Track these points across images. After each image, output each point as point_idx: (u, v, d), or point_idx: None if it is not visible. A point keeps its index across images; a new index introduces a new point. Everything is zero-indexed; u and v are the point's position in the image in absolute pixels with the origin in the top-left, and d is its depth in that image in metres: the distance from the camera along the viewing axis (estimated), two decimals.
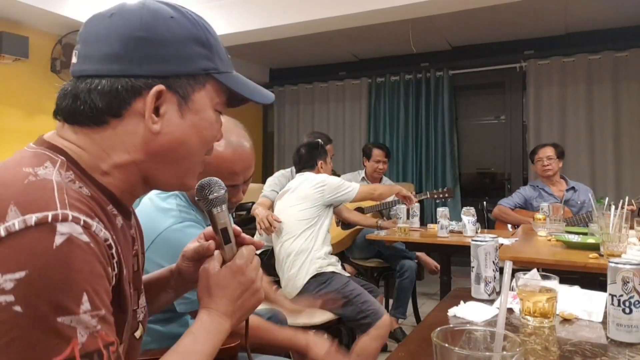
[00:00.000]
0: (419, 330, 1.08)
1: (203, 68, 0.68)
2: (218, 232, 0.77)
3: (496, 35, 4.92)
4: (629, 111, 4.54)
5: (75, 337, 0.51)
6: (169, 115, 0.66)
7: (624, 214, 1.69)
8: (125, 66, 0.63)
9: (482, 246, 1.27)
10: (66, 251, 0.52)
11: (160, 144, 0.66)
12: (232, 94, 0.73)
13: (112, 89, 0.63)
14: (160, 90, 0.64)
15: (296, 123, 6.14)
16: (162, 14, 0.66)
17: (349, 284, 2.22)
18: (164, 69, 0.65)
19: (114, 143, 0.65)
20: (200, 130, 0.69)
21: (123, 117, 0.64)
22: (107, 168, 0.65)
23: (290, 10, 3.67)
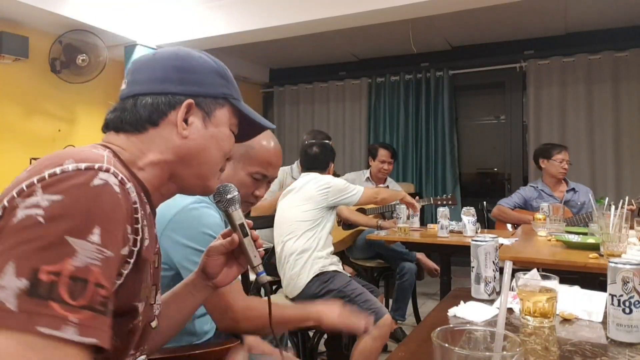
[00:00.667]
0: (419, 330, 1.08)
1: (223, 93, 0.85)
2: (237, 227, 0.94)
3: (496, 35, 4.92)
4: (629, 111, 4.54)
5: (72, 257, 0.56)
6: (195, 125, 0.82)
7: (624, 214, 1.69)
8: (165, 86, 0.81)
9: (482, 246, 1.27)
10: (99, 191, 0.62)
11: (188, 148, 0.81)
12: (241, 120, 0.90)
13: (154, 103, 0.80)
14: (190, 104, 0.81)
15: (296, 123, 6.14)
16: (192, 52, 0.86)
17: (350, 283, 2.22)
18: (194, 90, 0.82)
19: (150, 145, 0.79)
20: (218, 141, 0.85)
21: (159, 125, 0.80)
22: (143, 164, 0.79)
23: (290, 10, 3.67)
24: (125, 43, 4.17)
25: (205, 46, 4.28)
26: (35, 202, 0.59)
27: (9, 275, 0.54)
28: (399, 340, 3.02)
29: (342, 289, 2.17)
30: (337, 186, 2.41)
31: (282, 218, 2.43)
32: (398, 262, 3.23)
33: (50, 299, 0.54)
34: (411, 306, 3.39)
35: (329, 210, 2.40)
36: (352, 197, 2.45)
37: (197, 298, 1.01)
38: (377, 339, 2.11)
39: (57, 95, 4.01)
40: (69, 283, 0.55)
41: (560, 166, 3.27)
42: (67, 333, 0.54)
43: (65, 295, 0.55)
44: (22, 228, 0.57)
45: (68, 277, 0.55)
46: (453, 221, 2.88)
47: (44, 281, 0.54)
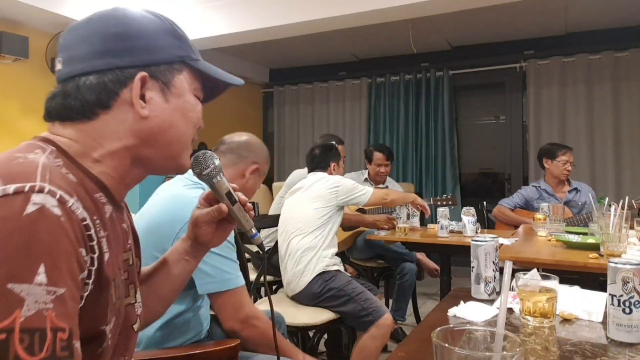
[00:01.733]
0: (419, 330, 1.08)
1: (178, 55, 0.74)
2: (223, 197, 0.86)
3: (496, 35, 4.92)
4: (629, 111, 4.54)
5: (21, 307, 0.49)
6: (154, 100, 0.71)
7: (624, 214, 1.69)
8: (108, 60, 0.69)
9: (482, 246, 1.27)
10: (34, 219, 0.53)
11: (150, 127, 0.71)
12: (205, 81, 0.79)
13: (99, 83, 0.68)
14: (144, 77, 0.70)
15: (296, 123, 6.14)
16: (132, 12, 0.73)
17: (351, 282, 2.24)
18: (144, 59, 0.70)
19: (105, 132, 0.69)
20: (184, 113, 0.75)
21: (112, 107, 0.69)
22: (99, 156, 0.69)
23: (290, 10, 3.67)
24: None
25: (205, 46, 4.28)
26: None
27: None
28: (399, 340, 3.02)
29: (343, 287, 2.18)
30: (346, 185, 2.43)
31: (290, 215, 2.43)
32: (398, 262, 3.23)
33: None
34: (411, 306, 3.39)
35: (337, 211, 2.43)
36: (362, 196, 2.47)
37: (191, 263, 0.94)
38: (377, 339, 2.11)
39: None
40: (24, 338, 0.48)
41: (564, 167, 3.24)
42: None
43: (21, 353, 0.48)
44: None
45: (21, 332, 0.48)
46: (453, 221, 2.88)
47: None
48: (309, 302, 2.23)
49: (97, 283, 0.61)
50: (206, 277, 1.27)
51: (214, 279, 1.27)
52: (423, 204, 2.83)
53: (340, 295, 2.17)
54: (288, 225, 2.40)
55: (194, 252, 0.93)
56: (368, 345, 2.10)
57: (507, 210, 3.30)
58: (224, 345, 1.21)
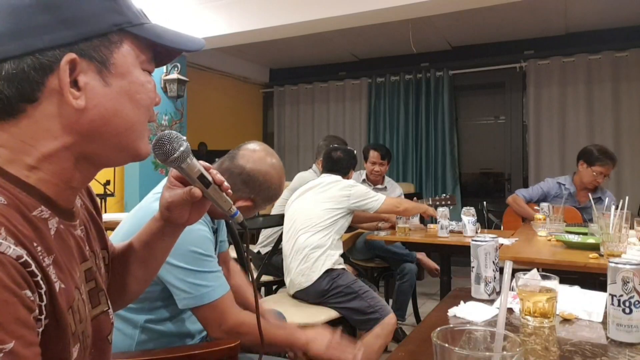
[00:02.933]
0: (419, 330, 1.08)
1: (114, 23, 0.59)
2: (195, 180, 0.76)
3: (496, 35, 4.92)
4: (629, 111, 4.54)
5: None
6: (91, 86, 0.58)
7: (624, 214, 1.69)
8: (24, 42, 0.54)
9: (482, 246, 1.27)
10: None
11: (90, 120, 0.58)
12: (156, 48, 0.65)
13: (17, 72, 0.54)
14: (72, 59, 0.56)
15: (296, 123, 6.14)
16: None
17: (357, 280, 2.27)
18: (69, 35, 0.56)
19: (36, 132, 0.56)
20: (132, 95, 0.61)
21: (39, 100, 0.56)
22: (34, 161, 0.57)
23: (290, 10, 3.67)
24: None
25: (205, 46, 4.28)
26: None
27: None
28: (399, 341, 3.02)
29: (350, 285, 2.21)
30: (359, 190, 2.47)
31: (298, 212, 2.45)
32: (398, 263, 3.23)
33: None
34: (411, 306, 3.39)
35: (346, 214, 2.45)
36: (374, 203, 2.48)
37: (168, 241, 0.86)
38: (380, 337, 2.11)
39: None
40: None
41: (594, 178, 3.07)
42: None
43: None
44: None
45: None
46: (453, 221, 2.88)
47: None
48: (315, 300, 2.24)
49: (52, 316, 0.54)
50: (182, 294, 1.22)
51: (190, 294, 1.21)
52: (434, 214, 2.82)
53: (347, 292, 2.19)
54: (296, 222, 2.41)
55: (170, 232, 0.84)
56: (371, 344, 2.10)
57: (522, 201, 3.22)
58: (224, 345, 1.21)
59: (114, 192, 4.06)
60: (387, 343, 2.21)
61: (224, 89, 5.85)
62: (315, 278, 2.23)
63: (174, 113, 4.47)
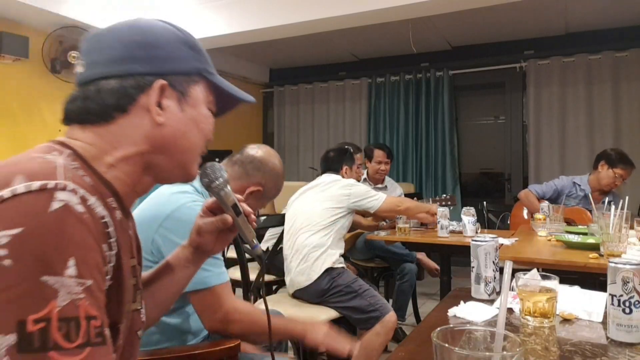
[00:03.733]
0: (419, 330, 1.08)
1: (195, 67, 0.77)
2: (229, 209, 0.88)
3: (496, 35, 4.92)
4: (629, 111, 4.54)
5: (55, 298, 0.52)
6: (171, 109, 0.73)
7: (624, 214, 1.69)
8: (129, 66, 0.71)
9: (482, 246, 1.27)
10: (60, 216, 0.55)
11: (164, 135, 0.73)
12: (219, 95, 0.81)
13: (119, 87, 0.70)
14: (163, 85, 0.71)
15: (296, 123, 6.14)
16: (154, 23, 0.76)
17: (357, 279, 2.27)
18: (163, 68, 0.73)
19: (120, 136, 0.70)
20: (198, 123, 0.76)
21: (129, 112, 0.70)
22: (114, 160, 0.70)
23: (290, 10, 3.67)
24: None
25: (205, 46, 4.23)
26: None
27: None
28: (399, 341, 3.02)
29: (350, 284, 2.21)
30: (360, 189, 2.46)
31: (298, 212, 2.44)
32: (399, 263, 3.23)
33: (47, 350, 0.50)
34: (411, 306, 3.39)
35: (347, 214, 2.44)
36: (374, 202, 2.47)
37: (191, 269, 0.96)
38: (380, 336, 2.12)
39: (57, 95, 4.01)
40: (61, 326, 0.52)
41: (614, 180, 3.04)
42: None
43: (60, 340, 0.51)
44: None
45: (58, 321, 0.51)
46: (453, 221, 2.88)
47: (34, 332, 0.50)
48: (315, 299, 2.24)
49: (115, 279, 0.63)
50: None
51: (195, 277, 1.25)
52: (435, 212, 2.72)
53: (348, 291, 2.19)
54: (296, 221, 2.41)
55: (194, 259, 0.94)
56: (372, 342, 2.11)
57: (534, 197, 3.17)
58: (224, 345, 1.21)
59: None
60: (388, 341, 2.21)
61: None
62: (315, 277, 2.23)
63: None
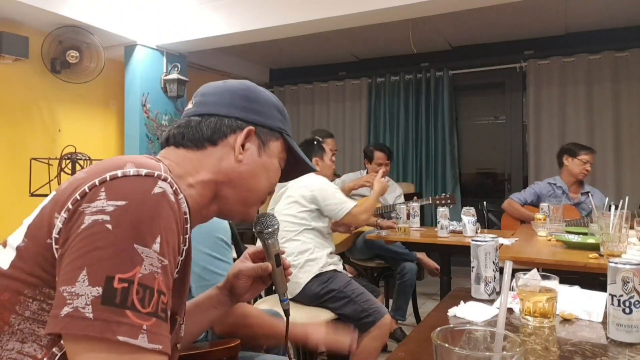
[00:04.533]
0: (419, 330, 1.08)
1: (279, 127, 0.90)
2: (272, 257, 0.96)
3: (496, 35, 4.92)
4: (629, 111, 4.54)
5: (141, 265, 0.59)
6: (251, 152, 0.85)
7: (624, 214, 1.69)
8: (230, 110, 0.85)
9: (482, 246, 1.27)
10: (159, 199, 0.64)
11: (240, 172, 0.84)
12: (289, 158, 0.93)
13: (218, 124, 0.84)
14: (251, 130, 0.85)
15: (296, 123, 6.14)
16: (258, 86, 0.91)
17: (350, 283, 2.23)
18: (255, 119, 0.86)
19: (205, 163, 0.82)
20: (268, 171, 0.88)
21: (217, 145, 0.83)
22: (194, 181, 0.81)
23: (290, 10, 3.66)
24: (125, 43, 4.16)
25: (205, 46, 4.29)
26: (100, 207, 0.61)
27: (82, 282, 0.57)
28: (399, 340, 3.02)
29: (342, 289, 2.18)
30: (324, 195, 2.34)
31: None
32: (398, 262, 3.23)
33: (126, 308, 0.57)
34: (411, 306, 3.39)
35: (320, 215, 2.39)
36: (337, 212, 2.35)
37: (219, 311, 1.03)
38: (376, 339, 2.11)
39: (57, 95, 4.01)
40: (140, 291, 0.58)
41: (584, 167, 3.24)
42: (142, 341, 0.57)
43: (137, 303, 0.57)
44: (91, 235, 0.59)
45: (138, 285, 0.58)
46: (453, 221, 2.88)
47: (118, 289, 0.57)
48: (311, 302, 2.23)
49: (182, 273, 0.70)
50: (199, 281, 1.26)
51: (206, 282, 1.25)
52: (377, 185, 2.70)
53: (340, 297, 2.16)
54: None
55: (225, 301, 1.03)
56: (368, 345, 2.10)
57: (517, 204, 3.27)
58: (224, 345, 1.21)
59: None
60: (384, 344, 2.20)
61: None
62: (304, 283, 2.22)
63: (174, 113, 4.47)
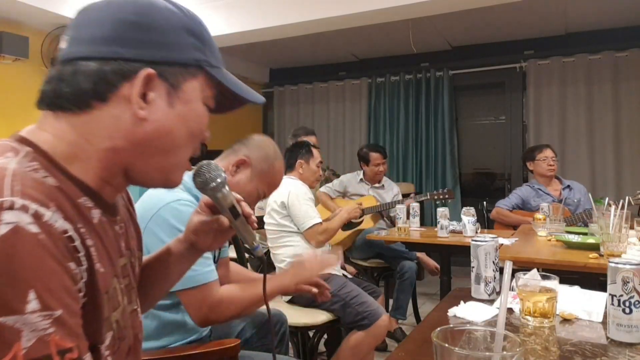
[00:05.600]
0: (419, 330, 1.08)
1: (195, 59, 0.66)
2: (226, 211, 0.82)
3: (496, 35, 4.92)
4: (629, 111, 4.54)
5: (19, 340, 0.45)
6: (157, 103, 0.63)
7: (624, 214, 1.69)
8: (115, 49, 0.61)
9: (482, 246, 1.27)
10: (11, 242, 0.47)
11: (145, 132, 0.63)
12: (221, 92, 0.71)
13: (99, 71, 0.60)
14: (150, 75, 0.62)
15: (296, 123, 6.13)
16: (157, 2, 0.65)
17: (346, 285, 2.20)
18: (155, 55, 0.62)
19: (96, 128, 0.61)
20: (187, 122, 0.66)
21: (108, 101, 0.61)
22: (85, 156, 0.62)
23: (290, 10, 3.67)
24: None
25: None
26: None
27: None
28: (399, 340, 3.02)
29: (336, 292, 2.15)
30: (292, 203, 2.33)
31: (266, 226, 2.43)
32: (398, 261, 3.23)
33: None
34: (411, 306, 3.39)
35: None
36: (300, 225, 2.34)
37: (187, 265, 0.91)
38: (370, 337, 2.09)
39: None
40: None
41: (546, 164, 3.31)
42: None
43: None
44: None
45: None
46: (453, 221, 2.88)
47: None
48: (307, 305, 2.22)
49: (90, 296, 0.56)
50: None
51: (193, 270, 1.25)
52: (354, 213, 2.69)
53: (335, 300, 2.13)
54: (268, 238, 2.42)
55: (189, 256, 0.89)
56: (360, 342, 2.09)
57: (505, 211, 3.31)
58: (224, 345, 1.21)
59: None
60: (378, 342, 2.19)
61: None
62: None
63: None
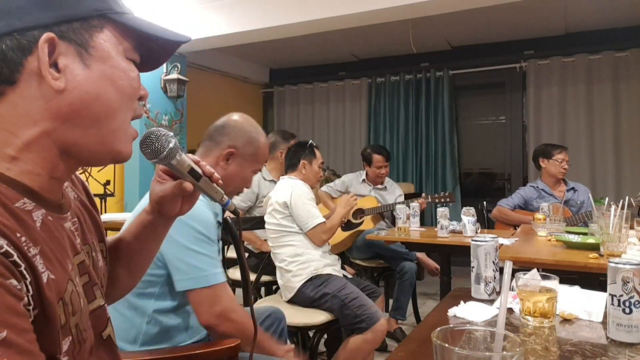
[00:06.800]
0: (419, 330, 1.08)
1: (95, 8, 0.59)
2: (186, 175, 0.76)
3: (496, 35, 4.92)
4: (629, 111, 4.54)
5: None
6: (71, 68, 0.57)
7: (624, 214, 1.69)
8: (3, 22, 0.54)
9: (482, 246, 1.27)
10: None
11: (70, 103, 0.57)
12: (140, 42, 0.64)
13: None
14: (51, 38, 0.55)
15: (296, 123, 6.14)
16: None
17: (345, 287, 2.19)
18: (49, 16, 0.55)
19: (15, 117, 0.55)
20: (114, 80, 0.60)
21: (18, 82, 0.55)
22: (15, 151, 0.55)
23: (290, 10, 3.66)
24: None
25: (205, 46, 4.28)
26: None
27: None
28: (399, 340, 3.02)
29: (336, 293, 2.16)
30: (295, 203, 2.31)
31: (267, 226, 2.42)
32: (398, 261, 3.23)
33: None
34: (411, 306, 3.39)
35: None
36: (303, 224, 2.32)
37: (162, 232, 0.86)
38: (368, 342, 2.09)
39: None
40: None
41: (561, 166, 3.29)
42: None
43: None
44: None
45: None
46: (453, 221, 2.88)
47: None
48: (307, 305, 2.23)
49: (40, 307, 0.53)
50: (181, 274, 1.24)
51: (188, 275, 1.23)
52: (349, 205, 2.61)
53: (334, 301, 2.14)
54: (268, 238, 2.42)
55: (162, 224, 0.84)
56: (358, 345, 2.09)
57: (507, 210, 3.31)
58: (224, 345, 1.21)
59: (114, 192, 4.06)
60: (375, 347, 2.20)
61: (224, 89, 5.85)
62: (297, 287, 2.22)
63: (174, 113, 4.47)
